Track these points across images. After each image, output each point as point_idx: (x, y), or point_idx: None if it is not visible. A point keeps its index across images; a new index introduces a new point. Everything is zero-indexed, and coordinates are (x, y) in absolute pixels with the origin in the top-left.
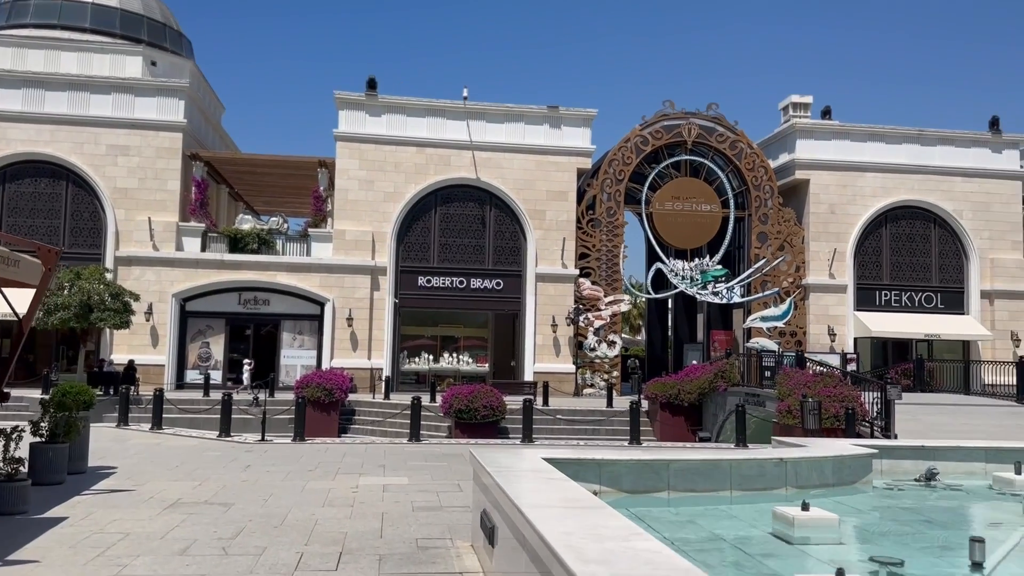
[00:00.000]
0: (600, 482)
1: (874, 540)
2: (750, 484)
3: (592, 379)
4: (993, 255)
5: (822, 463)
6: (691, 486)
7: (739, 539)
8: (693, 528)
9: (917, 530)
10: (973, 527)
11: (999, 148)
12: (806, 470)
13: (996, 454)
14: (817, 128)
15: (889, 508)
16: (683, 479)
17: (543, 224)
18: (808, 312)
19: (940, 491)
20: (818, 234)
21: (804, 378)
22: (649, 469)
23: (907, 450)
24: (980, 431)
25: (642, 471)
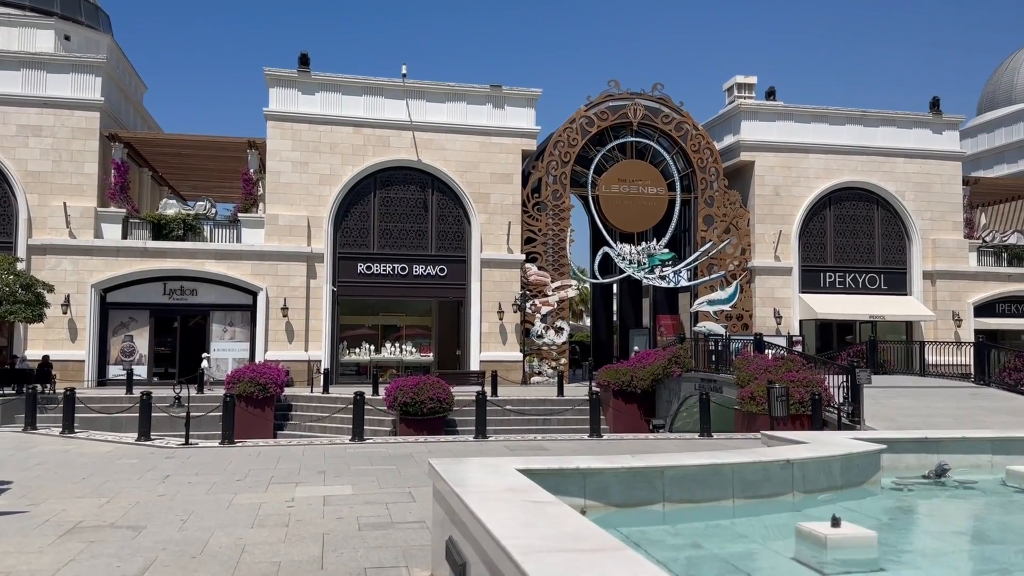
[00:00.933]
0: (585, 495)
1: (919, 563)
2: (754, 490)
3: (540, 367)
4: (935, 236)
5: (830, 463)
6: (688, 495)
7: (760, 571)
8: (699, 556)
9: (957, 547)
10: (1017, 537)
11: (939, 129)
12: (813, 472)
13: (1003, 445)
14: (762, 109)
15: (911, 514)
16: (679, 488)
17: (488, 208)
18: (754, 295)
19: (953, 489)
20: (763, 216)
21: (765, 363)
22: (641, 478)
23: (910, 443)
24: (949, 414)
25: (633, 481)
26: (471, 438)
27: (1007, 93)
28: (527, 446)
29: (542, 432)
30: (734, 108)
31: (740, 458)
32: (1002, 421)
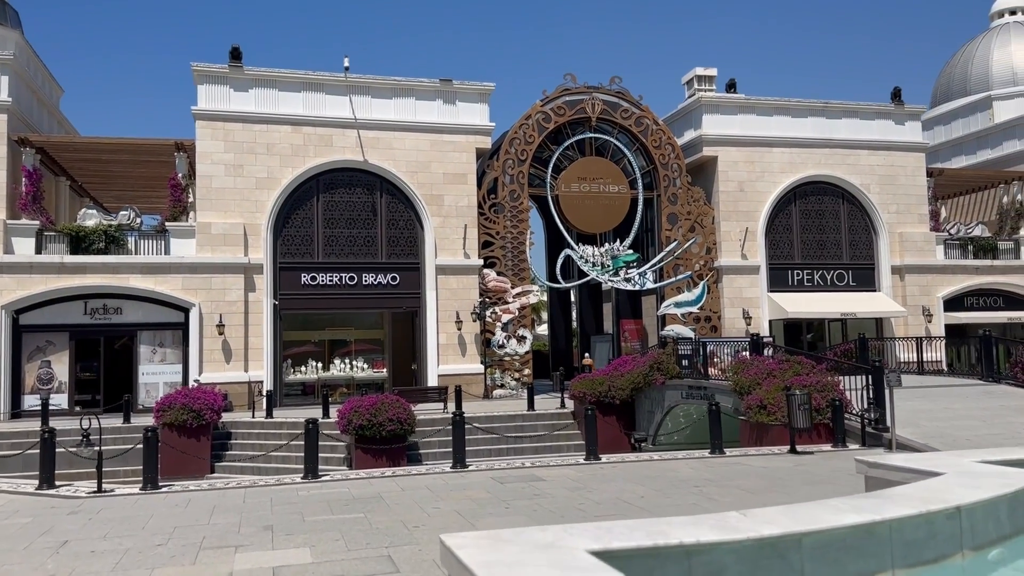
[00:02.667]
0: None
1: None
2: (917, 554)
3: (502, 379)
4: (901, 229)
5: (996, 505)
6: (838, 570)
7: None
8: None
9: None
10: None
11: (902, 119)
12: (981, 520)
13: None
14: (723, 102)
15: None
16: (824, 561)
17: (441, 210)
18: (722, 296)
19: None
20: (728, 213)
21: (767, 366)
22: (770, 552)
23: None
24: (976, 416)
25: (760, 557)
26: (447, 467)
27: (962, 84)
28: (519, 477)
29: (526, 455)
30: (694, 101)
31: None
32: None
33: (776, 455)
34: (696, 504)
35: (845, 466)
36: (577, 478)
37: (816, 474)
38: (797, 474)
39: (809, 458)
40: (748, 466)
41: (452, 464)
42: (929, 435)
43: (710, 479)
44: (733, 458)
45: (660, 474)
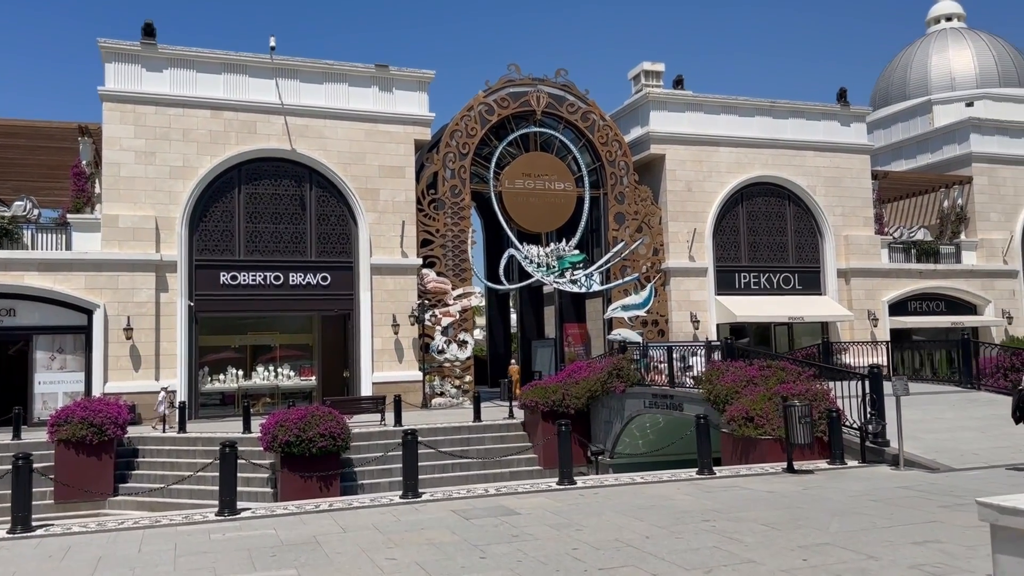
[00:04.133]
0: None
1: None
2: None
3: (442, 386)
4: (847, 232)
5: None
6: None
7: None
8: None
9: None
10: None
11: (847, 121)
12: None
13: None
14: (670, 99)
15: None
16: None
17: (377, 206)
18: (669, 298)
19: None
20: (676, 214)
21: (747, 372)
22: None
23: None
24: (970, 427)
25: None
26: (395, 497)
27: (901, 88)
28: (486, 509)
29: (473, 471)
30: (642, 97)
31: None
32: None
33: (774, 475)
34: (718, 547)
35: (858, 488)
36: (557, 510)
37: (833, 501)
38: (811, 501)
39: (812, 479)
40: (750, 491)
41: (402, 493)
42: (934, 449)
43: (716, 510)
44: (727, 479)
45: (654, 503)
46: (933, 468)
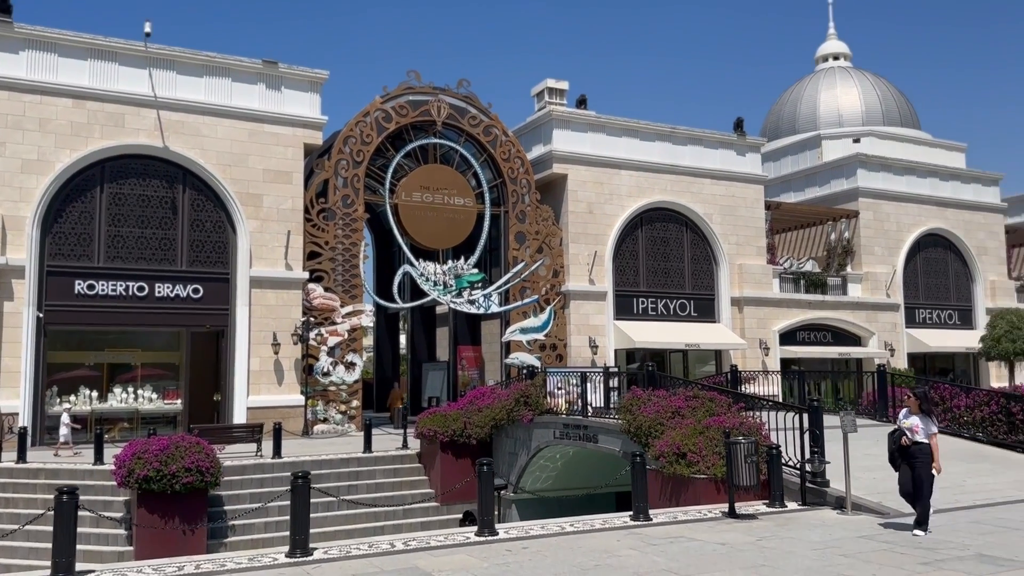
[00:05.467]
0: None
1: None
2: None
3: (326, 412)
4: (741, 261)
5: None
6: None
7: None
8: None
9: None
10: None
11: (743, 151)
12: None
13: None
14: (574, 118)
15: None
16: None
17: (260, 213)
18: (568, 322)
19: None
20: (577, 235)
21: (672, 402)
22: None
23: None
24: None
25: None
26: (280, 556)
27: (791, 122)
28: (396, 572)
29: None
30: (545, 115)
31: None
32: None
33: (716, 521)
34: None
35: (816, 539)
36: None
37: (798, 556)
38: (776, 558)
39: (759, 526)
40: (700, 543)
41: (289, 550)
42: (876, 491)
43: (671, 571)
44: (667, 527)
45: (597, 561)
46: (882, 512)
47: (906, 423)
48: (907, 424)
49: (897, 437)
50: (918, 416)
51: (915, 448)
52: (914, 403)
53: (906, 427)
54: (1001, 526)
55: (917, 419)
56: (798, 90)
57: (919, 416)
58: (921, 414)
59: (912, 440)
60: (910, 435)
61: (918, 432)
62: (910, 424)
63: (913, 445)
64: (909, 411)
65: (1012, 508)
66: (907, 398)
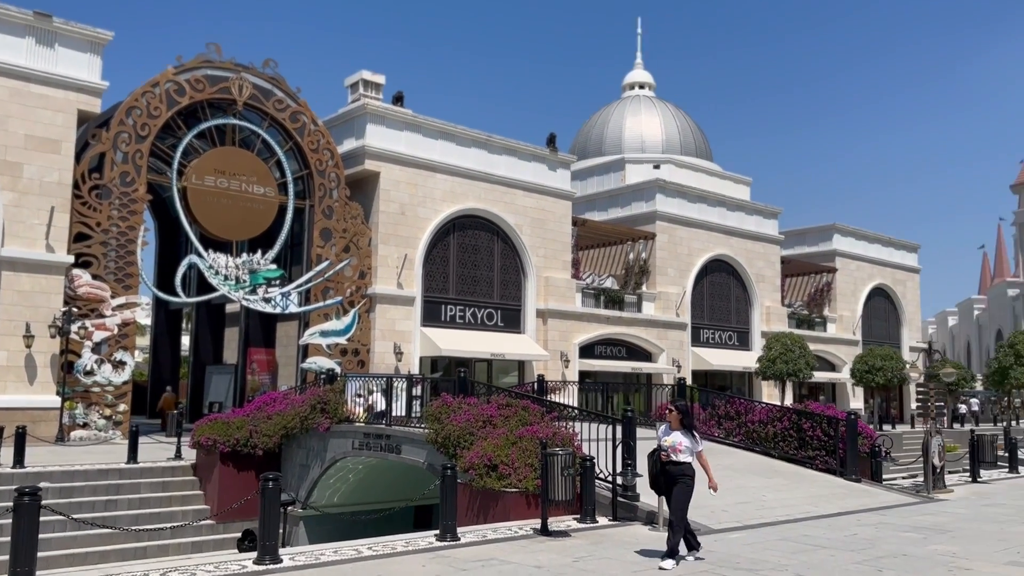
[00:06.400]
0: None
1: None
2: None
3: (87, 416)
4: (547, 274)
5: None
6: None
7: None
8: None
9: None
10: None
11: (555, 166)
12: None
13: None
14: (389, 114)
15: None
16: None
17: (18, 184)
18: (373, 327)
19: None
20: (388, 236)
21: (483, 411)
22: None
23: None
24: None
25: None
26: None
27: (598, 145)
28: None
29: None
30: (359, 108)
31: None
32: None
33: (529, 539)
34: None
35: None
36: None
37: None
38: None
39: (574, 545)
40: (514, 565)
41: None
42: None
43: None
44: (477, 547)
45: None
46: (693, 528)
47: (667, 440)
48: (668, 442)
49: (658, 457)
50: (680, 432)
51: (676, 468)
52: (675, 418)
53: (667, 445)
54: (809, 543)
55: (680, 436)
56: (606, 113)
57: (681, 432)
58: (683, 430)
59: (674, 459)
60: (672, 454)
61: (681, 451)
62: (672, 442)
63: (674, 465)
64: (669, 427)
65: (813, 524)
66: (668, 412)
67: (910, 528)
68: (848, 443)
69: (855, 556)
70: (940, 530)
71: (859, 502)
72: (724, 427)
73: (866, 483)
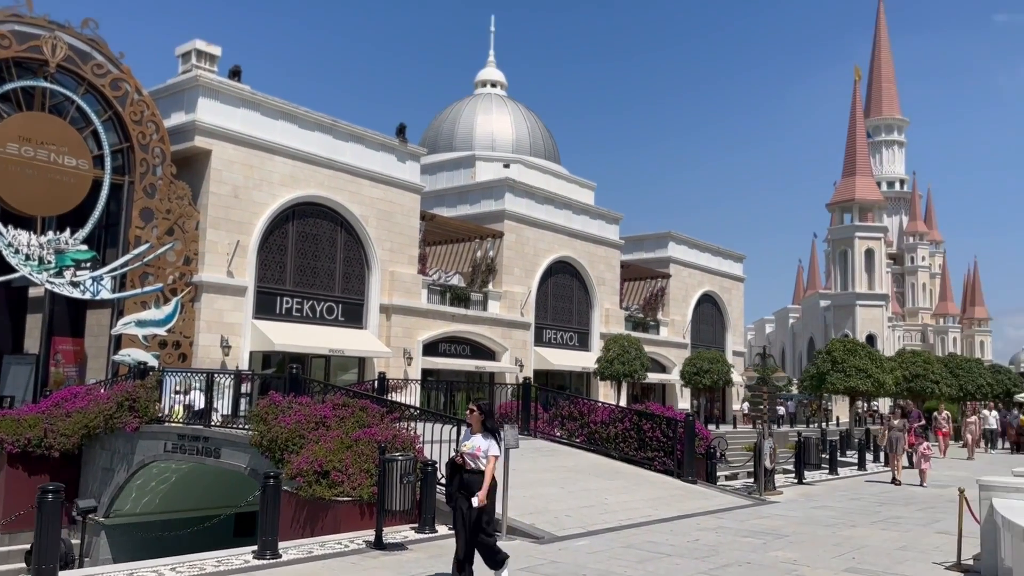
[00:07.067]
0: None
1: None
2: None
3: None
4: (393, 268)
5: None
6: None
7: None
8: None
9: None
10: None
11: (404, 157)
12: None
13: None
14: (224, 89)
15: None
16: None
17: None
18: (199, 318)
19: None
20: (218, 221)
21: (316, 411)
22: None
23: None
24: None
25: None
26: None
27: (449, 140)
28: None
29: None
30: (191, 79)
31: None
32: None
33: (360, 554)
34: None
35: None
36: None
37: None
38: None
39: (411, 559)
40: None
41: None
42: (528, 511)
43: None
44: (303, 566)
45: None
46: (537, 537)
47: (466, 445)
48: (468, 447)
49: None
50: (481, 436)
51: (477, 479)
52: (477, 419)
53: (467, 451)
54: (655, 551)
55: (480, 440)
56: (458, 109)
57: (482, 435)
58: (484, 432)
59: (473, 467)
60: (472, 461)
61: (479, 457)
62: (471, 447)
63: (474, 475)
64: (471, 430)
65: (656, 529)
66: (469, 412)
67: (748, 533)
68: (686, 444)
69: (701, 565)
70: (777, 535)
71: (697, 504)
72: (567, 428)
73: (702, 484)
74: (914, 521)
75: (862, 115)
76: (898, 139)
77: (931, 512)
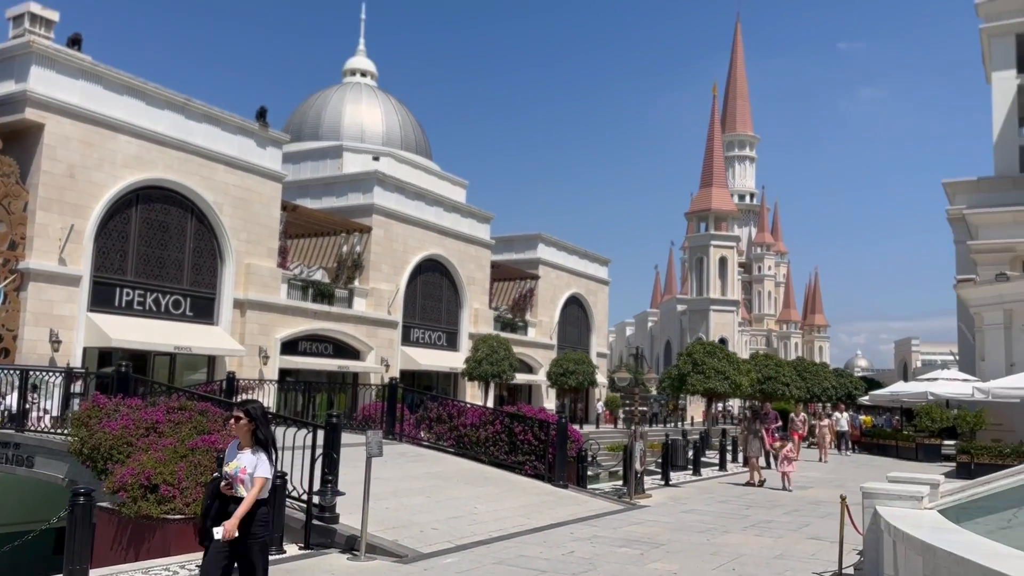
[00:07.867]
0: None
1: None
2: None
3: None
4: (250, 260)
5: None
6: None
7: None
8: None
9: None
10: None
11: (264, 143)
12: None
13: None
14: (62, 58)
15: None
16: None
17: None
18: (24, 308)
19: None
20: (50, 202)
21: (148, 415)
22: None
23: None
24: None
25: None
26: None
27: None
28: None
29: None
30: (23, 45)
31: None
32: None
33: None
34: None
35: None
36: None
37: None
38: None
39: None
40: None
41: None
42: (390, 525)
43: None
44: None
45: None
46: (400, 555)
47: (231, 465)
48: (232, 467)
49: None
50: (250, 451)
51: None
52: (245, 429)
53: (230, 472)
54: (528, 567)
55: (249, 457)
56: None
57: (251, 451)
58: (255, 447)
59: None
60: (236, 486)
61: (244, 481)
62: (235, 468)
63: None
64: (239, 444)
65: (528, 541)
66: (235, 421)
67: (624, 542)
68: (558, 448)
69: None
70: (653, 543)
71: (569, 511)
72: (435, 431)
73: (573, 489)
74: (784, 526)
75: (720, 129)
76: (750, 155)
77: (798, 516)
